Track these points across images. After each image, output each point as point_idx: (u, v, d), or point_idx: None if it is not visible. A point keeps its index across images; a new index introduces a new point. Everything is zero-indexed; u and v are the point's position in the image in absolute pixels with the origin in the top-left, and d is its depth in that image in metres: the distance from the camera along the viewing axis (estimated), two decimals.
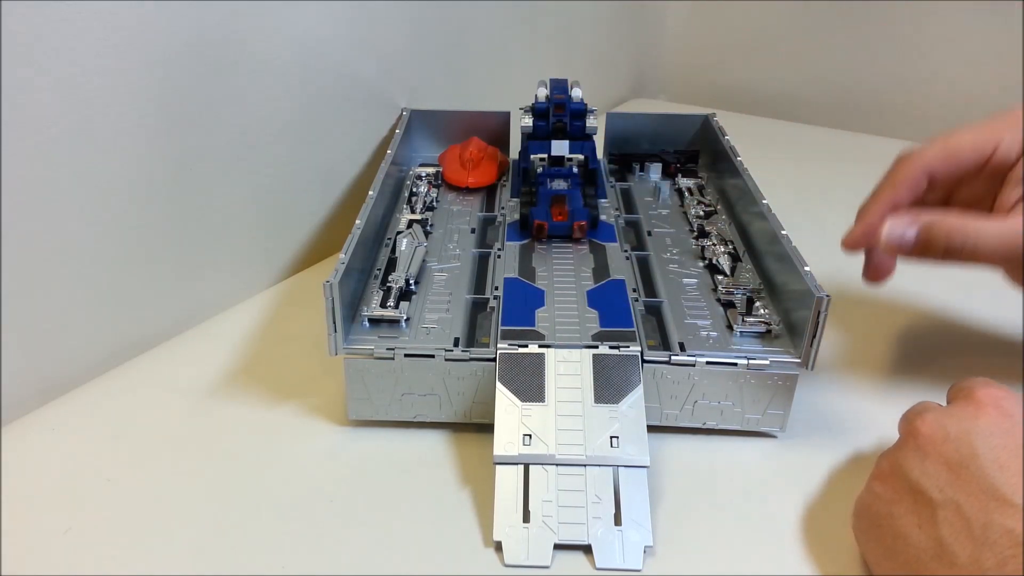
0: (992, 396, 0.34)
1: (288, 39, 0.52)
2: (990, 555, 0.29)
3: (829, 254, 0.47)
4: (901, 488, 0.33)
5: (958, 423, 0.33)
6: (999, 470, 0.31)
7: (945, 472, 0.32)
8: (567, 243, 0.51)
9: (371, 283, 0.46)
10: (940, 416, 0.34)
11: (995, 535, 0.29)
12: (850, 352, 0.50)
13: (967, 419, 0.33)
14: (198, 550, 0.36)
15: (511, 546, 0.35)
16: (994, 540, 0.29)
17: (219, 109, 0.49)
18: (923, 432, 0.33)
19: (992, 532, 0.29)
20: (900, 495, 0.33)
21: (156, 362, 0.48)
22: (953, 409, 0.34)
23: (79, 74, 0.41)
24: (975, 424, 0.32)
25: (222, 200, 0.52)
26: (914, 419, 0.35)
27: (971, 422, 0.33)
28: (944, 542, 0.30)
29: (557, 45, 0.84)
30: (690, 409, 0.42)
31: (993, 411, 0.33)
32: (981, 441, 0.32)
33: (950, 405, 0.35)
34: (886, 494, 0.34)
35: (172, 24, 0.45)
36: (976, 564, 0.29)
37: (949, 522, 0.30)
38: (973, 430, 0.32)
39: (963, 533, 0.30)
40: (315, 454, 0.41)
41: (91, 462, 0.40)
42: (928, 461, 0.32)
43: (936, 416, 0.34)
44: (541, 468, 0.37)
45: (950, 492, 0.31)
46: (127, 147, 0.44)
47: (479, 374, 0.41)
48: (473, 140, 0.62)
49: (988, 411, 0.33)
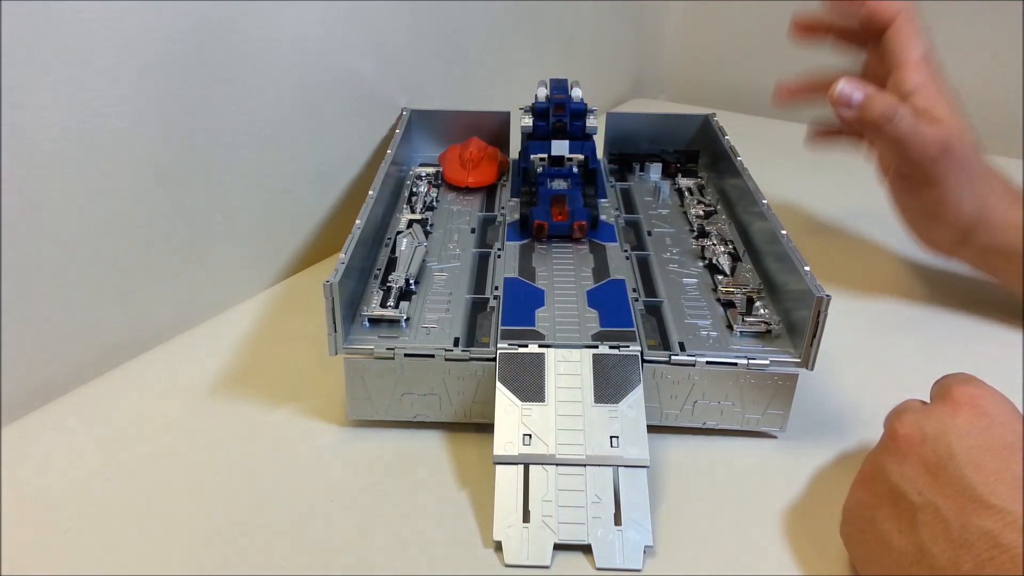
0: (969, 395, 0.33)
1: (288, 39, 0.52)
2: (968, 558, 0.28)
3: (829, 254, 0.47)
4: (882, 492, 0.33)
5: (935, 423, 0.32)
6: (975, 470, 0.30)
7: (923, 474, 0.31)
8: (567, 243, 0.51)
9: (371, 283, 0.46)
10: (918, 417, 0.33)
11: (973, 537, 0.29)
12: (850, 352, 0.50)
13: (944, 419, 0.32)
14: (198, 550, 0.36)
15: (511, 546, 0.35)
16: (972, 542, 0.29)
17: (219, 109, 0.49)
18: (901, 434, 0.33)
19: (970, 534, 0.29)
20: (881, 499, 0.32)
21: (156, 362, 0.48)
22: (931, 409, 0.34)
23: (78, 74, 0.41)
24: (952, 424, 0.32)
25: (222, 200, 0.52)
26: (893, 420, 0.34)
27: (948, 422, 0.32)
28: (924, 546, 0.30)
29: (557, 45, 0.84)
30: (690, 409, 0.42)
31: (970, 410, 0.32)
32: (958, 441, 0.31)
33: (929, 405, 0.35)
34: (867, 499, 0.33)
35: (172, 24, 0.45)
36: (955, 567, 0.29)
37: (928, 525, 0.30)
38: (950, 430, 0.32)
39: (942, 536, 0.29)
40: (315, 454, 0.41)
41: (91, 462, 0.40)
42: (907, 464, 0.32)
43: (914, 417, 0.33)
44: (541, 468, 0.37)
45: (928, 494, 0.31)
46: (127, 147, 0.44)
47: (479, 374, 0.41)
48: (473, 140, 0.62)
49: (965, 410, 0.32)
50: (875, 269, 0.60)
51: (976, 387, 0.34)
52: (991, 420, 0.32)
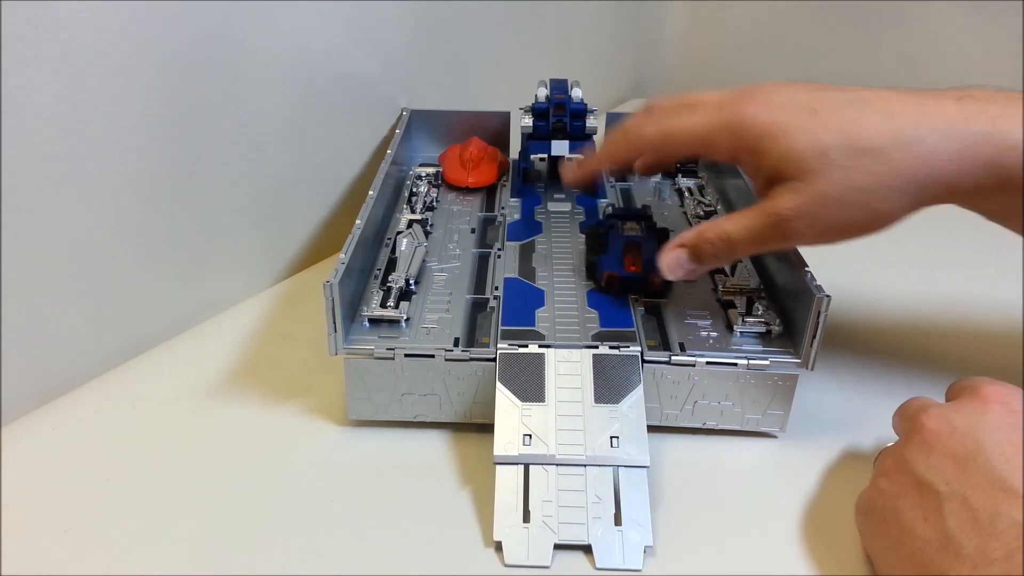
0: (998, 393, 0.34)
1: (288, 39, 0.52)
2: (997, 545, 0.29)
3: (829, 254, 0.47)
4: (907, 483, 0.33)
5: (964, 418, 0.33)
6: (1006, 463, 0.31)
7: (951, 465, 0.32)
8: (567, 243, 0.51)
9: (371, 283, 0.46)
10: (946, 411, 0.34)
11: (1003, 526, 0.29)
12: (850, 352, 0.50)
13: (973, 414, 0.33)
14: (198, 550, 0.36)
15: (511, 546, 0.35)
16: (1002, 531, 0.29)
17: (219, 109, 0.49)
18: (929, 427, 0.33)
19: (1000, 523, 0.29)
20: (906, 489, 0.33)
21: (156, 362, 0.48)
22: (959, 405, 0.34)
23: (79, 74, 0.41)
24: (981, 419, 0.33)
25: (222, 200, 0.51)
26: (918, 415, 0.35)
27: (977, 417, 0.33)
28: (950, 533, 0.30)
29: (557, 45, 0.84)
30: (690, 409, 0.42)
31: (999, 407, 0.33)
32: (987, 435, 0.32)
33: (955, 401, 0.35)
34: (891, 489, 0.34)
35: (172, 24, 0.45)
36: (983, 555, 0.29)
37: (956, 514, 0.30)
38: (979, 425, 0.32)
39: (970, 524, 0.30)
40: (315, 454, 0.41)
41: (91, 462, 0.40)
42: (934, 455, 0.32)
43: (942, 411, 0.34)
44: (541, 468, 0.37)
45: (956, 485, 0.31)
46: (127, 147, 0.44)
47: (479, 374, 0.41)
48: (473, 140, 0.62)
49: (994, 407, 0.33)
50: (875, 269, 0.60)
51: (1004, 386, 0.34)
52: (1019, 418, 0.32)
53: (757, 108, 0.38)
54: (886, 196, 0.36)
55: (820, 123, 0.37)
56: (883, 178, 0.36)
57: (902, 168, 0.36)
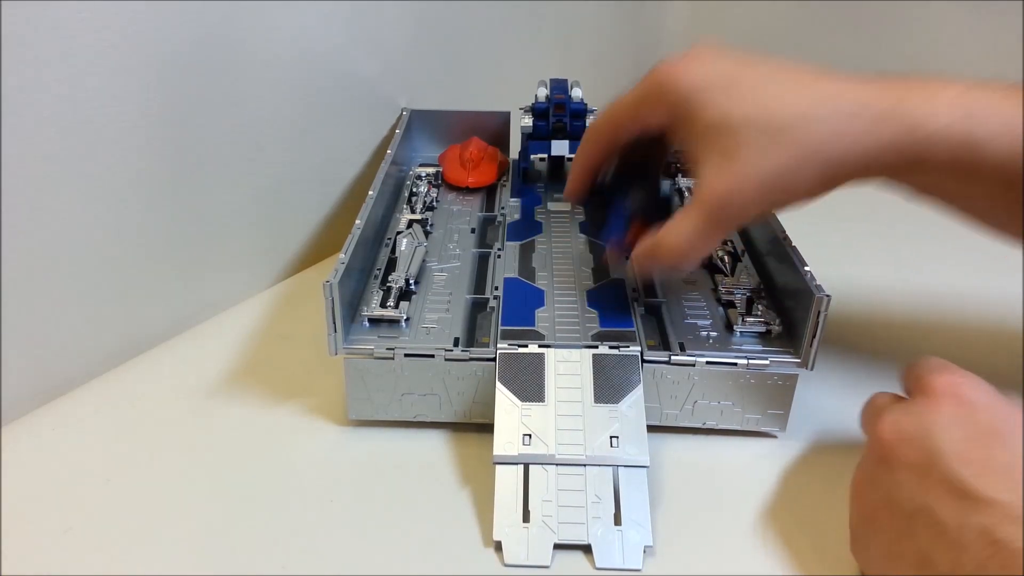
0: (948, 383, 0.32)
1: (288, 39, 0.52)
2: (967, 559, 0.27)
3: (829, 254, 0.47)
4: (877, 503, 0.32)
5: (915, 421, 0.31)
6: (964, 465, 0.29)
7: (912, 478, 0.30)
8: (567, 243, 0.51)
9: (371, 283, 0.46)
10: (897, 417, 0.32)
11: (970, 536, 0.27)
12: (850, 352, 0.50)
13: (924, 415, 0.31)
14: (198, 550, 0.36)
15: (511, 546, 0.35)
16: (969, 542, 0.27)
17: (219, 109, 0.49)
18: (884, 439, 0.32)
19: (966, 534, 0.28)
20: (877, 510, 0.32)
21: (156, 362, 0.48)
22: (909, 406, 0.32)
23: (78, 74, 0.41)
24: (933, 419, 0.31)
25: (222, 200, 0.51)
26: (873, 421, 0.33)
27: (928, 417, 0.31)
28: (924, 552, 0.29)
29: (557, 45, 0.84)
30: (690, 409, 0.42)
31: (950, 401, 0.31)
32: (941, 435, 0.30)
33: (906, 403, 0.33)
34: (865, 511, 0.33)
35: (172, 24, 0.45)
36: (957, 571, 0.28)
37: (926, 530, 0.29)
38: (932, 426, 0.30)
39: (939, 540, 0.28)
40: (315, 454, 0.41)
41: (91, 462, 0.40)
42: (895, 470, 0.31)
43: (894, 418, 0.32)
44: (541, 468, 0.37)
45: (920, 499, 0.29)
46: (127, 147, 0.44)
47: (479, 374, 0.41)
48: (473, 140, 0.62)
49: (944, 401, 0.31)
50: (876, 268, 0.60)
51: (952, 374, 0.32)
52: (972, 407, 0.31)
53: (687, 65, 0.38)
54: (796, 174, 0.36)
55: (736, 97, 0.37)
56: (791, 158, 0.36)
57: (806, 147, 0.36)
